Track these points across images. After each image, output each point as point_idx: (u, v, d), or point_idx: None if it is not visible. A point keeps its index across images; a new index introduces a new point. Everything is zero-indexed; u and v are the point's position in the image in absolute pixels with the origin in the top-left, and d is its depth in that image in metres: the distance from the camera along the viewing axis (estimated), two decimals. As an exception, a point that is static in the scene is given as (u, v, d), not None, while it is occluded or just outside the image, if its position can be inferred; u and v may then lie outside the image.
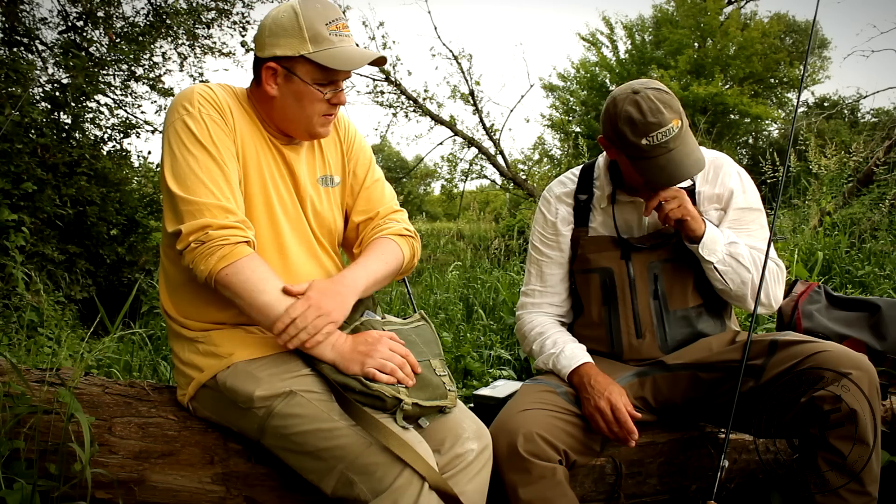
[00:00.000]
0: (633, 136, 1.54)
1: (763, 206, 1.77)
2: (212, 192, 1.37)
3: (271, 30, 1.44)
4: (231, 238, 1.35)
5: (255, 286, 1.35)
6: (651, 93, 1.55)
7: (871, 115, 14.53)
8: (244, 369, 1.40)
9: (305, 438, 1.32)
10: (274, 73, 1.45)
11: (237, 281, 1.34)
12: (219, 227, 1.34)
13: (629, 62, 17.62)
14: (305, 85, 1.44)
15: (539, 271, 1.85)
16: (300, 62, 1.43)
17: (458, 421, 1.44)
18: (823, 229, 4.18)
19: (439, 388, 1.42)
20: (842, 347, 1.50)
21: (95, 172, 6.54)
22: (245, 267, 1.35)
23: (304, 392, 1.34)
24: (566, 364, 1.67)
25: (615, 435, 1.56)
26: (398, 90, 11.76)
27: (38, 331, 3.58)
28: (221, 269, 1.34)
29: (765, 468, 1.76)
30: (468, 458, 1.40)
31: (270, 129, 1.53)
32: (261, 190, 1.49)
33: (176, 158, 1.39)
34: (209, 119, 1.41)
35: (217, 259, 1.34)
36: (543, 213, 1.85)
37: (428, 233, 9.53)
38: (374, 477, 1.26)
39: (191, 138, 1.39)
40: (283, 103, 1.47)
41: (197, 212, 1.35)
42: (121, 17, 7.65)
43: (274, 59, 1.44)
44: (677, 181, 1.58)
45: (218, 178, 1.38)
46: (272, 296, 1.35)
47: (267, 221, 1.50)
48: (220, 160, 1.40)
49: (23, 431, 1.43)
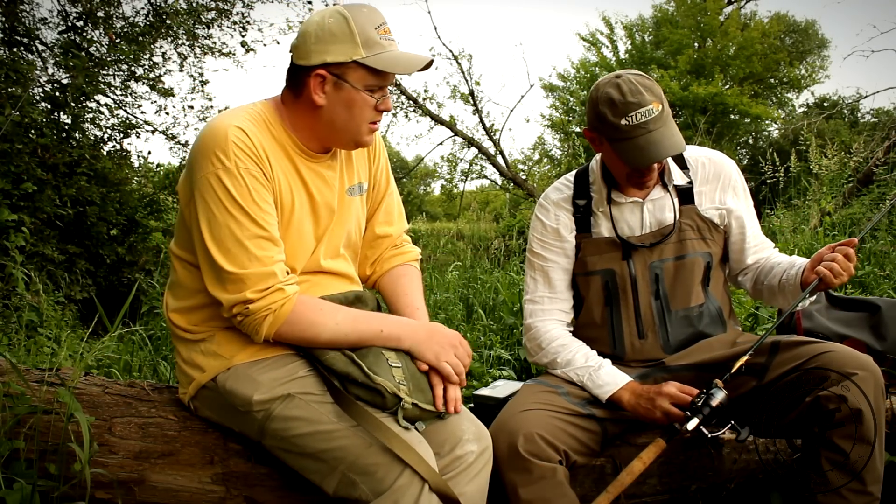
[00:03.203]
0: (612, 116, 1.56)
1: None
2: (253, 257, 1.34)
3: (318, 36, 1.37)
4: (272, 306, 1.34)
5: (315, 329, 1.37)
6: (633, 77, 1.59)
7: (871, 115, 14.55)
8: (244, 372, 1.40)
9: (305, 441, 1.32)
10: (322, 80, 1.39)
11: (297, 331, 1.36)
12: (259, 297, 1.33)
13: (629, 62, 17.62)
14: (357, 91, 1.40)
15: (546, 277, 1.80)
16: (352, 68, 1.38)
17: (458, 423, 1.44)
18: (823, 229, 4.17)
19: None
20: (847, 348, 1.50)
21: (95, 172, 6.54)
22: (296, 322, 1.36)
23: (301, 395, 1.35)
24: (609, 381, 1.64)
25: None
26: (398, 90, 11.76)
27: (38, 331, 3.58)
28: (275, 333, 1.36)
29: (765, 468, 1.76)
30: (468, 460, 1.40)
31: (298, 144, 1.47)
32: (288, 210, 1.45)
33: (215, 219, 1.34)
34: (247, 175, 1.35)
35: (267, 327, 1.35)
36: (542, 219, 1.82)
37: (428, 233, 9.51)
38: (376, 477, 1.26)
39: (230, 200, 1.34)
40: (332, 112, 1.42)
41: (239, 282, 1.33)
42: (121, 17, 7.64)
43: (323, 65, 1.38)
44: (655, 160, 1.59)
45: (259, 241, 1.35)
46: (341, 325, 1.38)
47: (296, 239, 1.47)
48: (261, 220, 1.36)
49: (23, 431, 1.43)
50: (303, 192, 1.47)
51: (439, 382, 1.41)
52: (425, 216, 16.52)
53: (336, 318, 1.38)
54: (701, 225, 1.74)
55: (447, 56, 11.92)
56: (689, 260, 1.71)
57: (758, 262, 1.80)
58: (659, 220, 1.74)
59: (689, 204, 1.74)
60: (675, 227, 1.71)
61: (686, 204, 1.74)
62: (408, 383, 1.36)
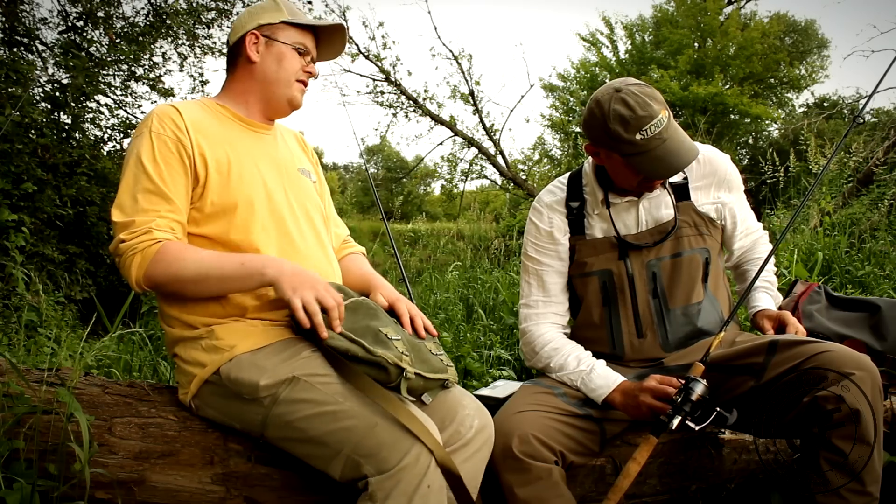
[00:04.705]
0: (626, 133, 1.54)
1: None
2: (139, 208, 1.44)
3: (250, 11, 1.66)
4: (139, 246, 1.41)
5: (179, 263, 1.41)
6: (634, 88, 1.57)
7: (871, 115, 14.53)
8: (248, 360, 1.41)
9: (311, 423, 1.33)
10: (256, 40, 1.63)
11: (162, 268, 1.41)
12: (129, 238, 1.42)
13: (629, 62, 17.62)
14: (286, 46, 1.63)
15: (540, 281, 1.81)
16: (280, 27, 1.63)
17: (459, 399, 1.49)
18: (823, 229, 4.17)
19: (439, 363, 1.45)
20: (844, 348, 1.50)
21: (95, 172, 6.54)
22: (161, 259, 1.41)
23: (307, 377, 1.35)
24: (602, 384, 1.64)
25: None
26: (398, 90, 11.77)
27: (38, 331, 3.58)
28: (145, 275, 1.42)
29: (765, 468, 1.76)
30: (468, 436, 1.43)
31: (238, 115, 1.64)
32: (226, 164, 1.53)
33: (123, 178, 1.48)
34: (157, 139, 1.48)
35: (136, 267, 1.42)
36: (535, 223, 1.83)
37: (428, 233, 9.52)
38: (380, 457, 1.27)
39: (136, 159, 1.48)
40: (264, 67, 1.63)
41: (122, 229, 1.44)
42: (121, 17, 7.65)
43: (257, 27, 1.62)
44: (676, 171, 1.59)
45: (149, 195, 1.45)
46: (205, 259, 1.43)
47: (267, 208, 1.55)
48: (156, 177, 1.46)
49: (22, 431, 1.43)
50: (241, 150, 1.58)
51: (404, 312, 1.54)
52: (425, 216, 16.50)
53: (200, 255, 1.44)
54: (698, 221, 1.74)
55: (447, 56, 11.95)
56: (687, 257, 1.71)
57: (742, 248, 1.86)
58: (655, 217, 1.74)
59: (685, 200, 1.74)
60: (676, 225, 1.71)
61: (682, 200, 1.74)
62: (409, 354, 1.37)
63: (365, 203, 19.48)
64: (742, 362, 1.59)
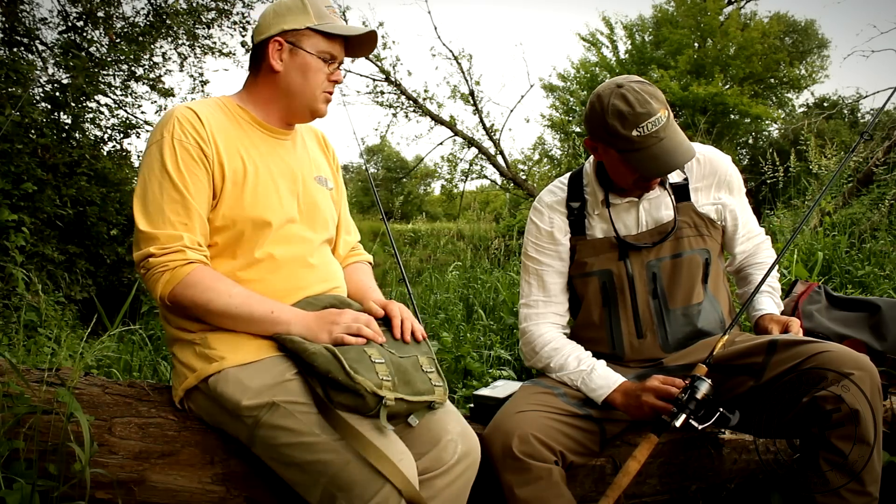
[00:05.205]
0: (623, 128, 1.54)
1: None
2: (165, 219, 1.42)
3: (276, 11, 1.55)
4: (170, 264, 1.40)
5: (208, 295, 1.40)
6: (635, 85, 1.57)
7: (870, 115, 14.53)
8: (234, 375, 1.40)
9: (291, 451, 1.33)
10: (280, 47, 1.54)
11: (191, 294, 1.40)
12: (160, 253, 1.41)
13: (629, 62, 17.61)
14: (311, 56, 1.54)
15: (540, 281, 1.81)
16: (306, 34, 1.54)
17: (443, 424, 1.45)
18: (823, 229, 4.17)
19: (426, 383, 1.42)
20: (844, 348, 1.50)
21: (95, 172, 6.55)
22: (192, 284, 1.40)
23: (287, 404, 1.34)
24: (602, 385, 1.64)
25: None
26: (398, 90, 11.77)
27: (38, 331, 3.59)
28: (171, 293, 1.41)
29: (765, 468, 1.76)
30: (450, 462, 1.41)
31: (257, 120, 1.59)
32: (241, 174, 1.52)
33: (145, 184, 1.46)
34: (180, 146, 1.45)
35: (163, 284, 1.40)
36: (536, 223, 1.83)
37: (428, 233, 9.52)
38: (353, 493, 1.28)
39: (160, 166, 1.45)
40: (288, 78, 1.55)
41: (148, 240, 1.42)
42: (121, 17, 7.66)
43: (280, 33, 1.53)
44: (671, 170, 1.59)
45: (175, 206, 1.43)
46: (234, 298, 1.41)
47: (278, 224, 1.53)
48: (182, 187, 1.44)
49: (22, 431, 1.43)
50: (257, 158, 1.55)
51: (397, 314, 1.52)
52: (425, 216, 16.51)
53: (231, 291, 1.42)
54: (698, 222, 1.74)
55: (447, 56, 11.95)
56: (687, 258, 1.71)
57: (744, 252, 1.86)
58: (655, 218, 1.74)
59: (685, 201, 1.74)
60: (675, 226, 1.71)
61: (682, 201, 1.74)
62: (392, 377, 1.35)
63: (365, 203, 19.48)
64: (742, 362, 1.59)
